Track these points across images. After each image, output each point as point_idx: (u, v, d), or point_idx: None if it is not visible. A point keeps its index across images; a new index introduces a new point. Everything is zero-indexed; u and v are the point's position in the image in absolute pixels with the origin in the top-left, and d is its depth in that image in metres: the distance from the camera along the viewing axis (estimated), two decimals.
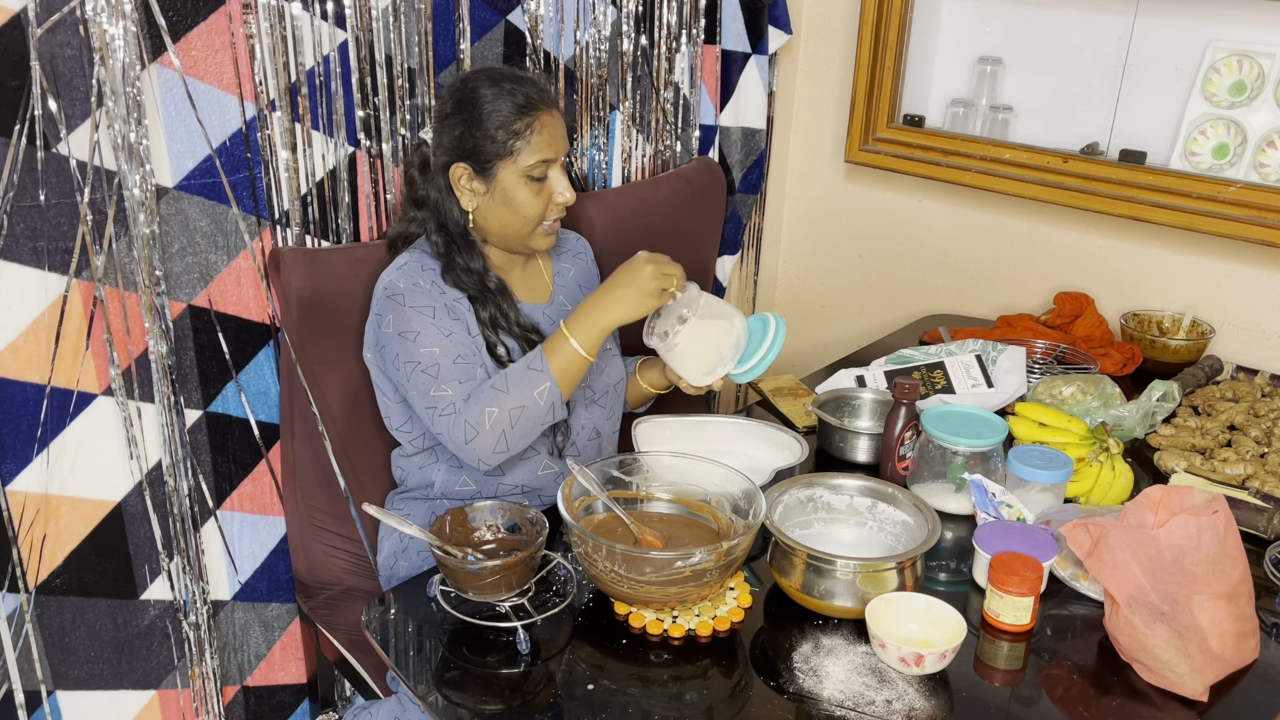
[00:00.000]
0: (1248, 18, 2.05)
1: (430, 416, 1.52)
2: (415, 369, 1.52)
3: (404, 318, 1.53)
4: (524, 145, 1.53)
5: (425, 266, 1.58)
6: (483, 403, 1.48)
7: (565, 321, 1.52)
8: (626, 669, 1.28)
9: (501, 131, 1.52)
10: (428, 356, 1.52)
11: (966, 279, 2.52)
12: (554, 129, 1.56)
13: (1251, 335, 2.17)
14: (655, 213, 2.18)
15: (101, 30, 1.40)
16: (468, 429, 1.48)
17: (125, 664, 1.68)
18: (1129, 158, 2.17)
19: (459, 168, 1.56)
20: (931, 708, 1.21)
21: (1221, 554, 1.27)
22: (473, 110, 1.53)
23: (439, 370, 1.51)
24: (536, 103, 1.54)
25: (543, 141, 1.54)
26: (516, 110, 1.53)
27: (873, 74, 2.45)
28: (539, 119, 1.54)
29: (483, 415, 1.47)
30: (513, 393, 1.48)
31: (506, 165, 1.54)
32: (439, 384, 1.51)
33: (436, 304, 1.55)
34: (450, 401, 1.50)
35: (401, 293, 1.55)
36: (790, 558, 1.35)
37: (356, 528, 1.81)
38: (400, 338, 1.53)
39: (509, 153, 1.53)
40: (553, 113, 1.56)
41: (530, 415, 1.49)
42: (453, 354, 1.53)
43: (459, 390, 1.51)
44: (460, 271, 1.58)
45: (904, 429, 1.62)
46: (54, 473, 1.52)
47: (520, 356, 1.60)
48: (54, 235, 1.44)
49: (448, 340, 1.53)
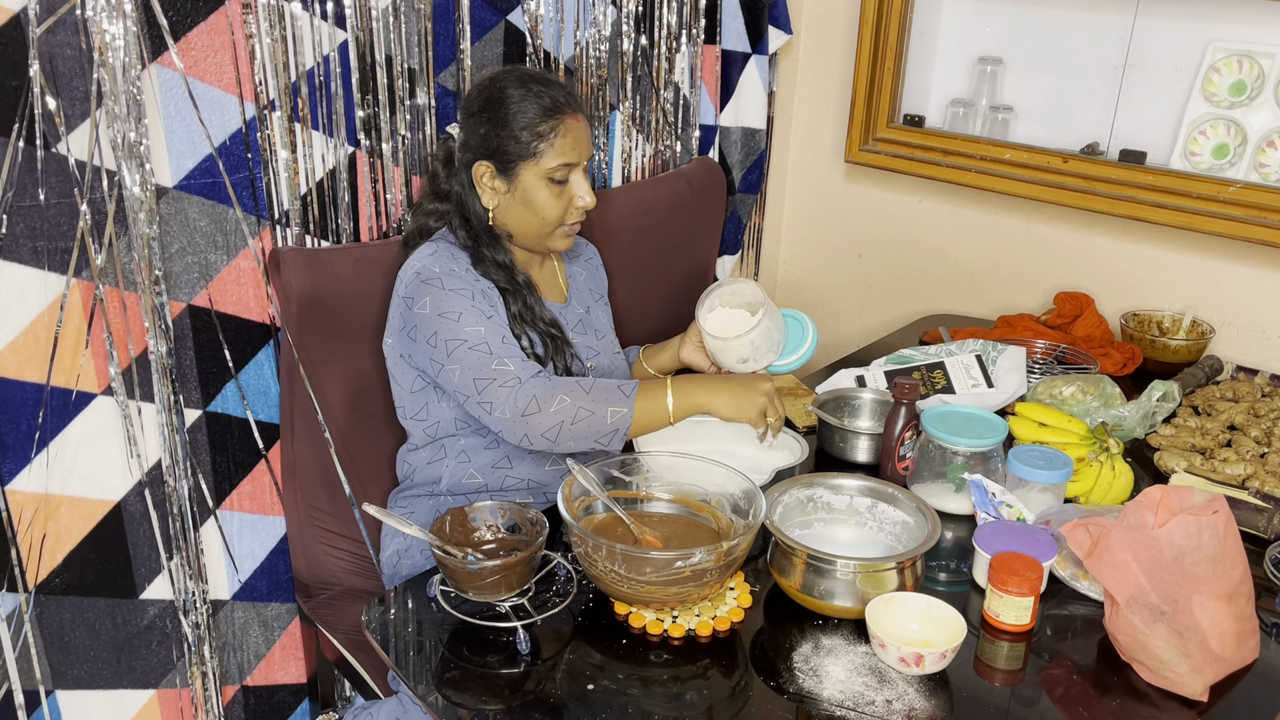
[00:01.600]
0: (1248, 18, 2.05)
1: (483, 387, 1.49)
2: (461, 346, 1.51)
3: (443, 299, 1.53)
4: (547, 147, 1.54)
5: (455, 254, 1.59)
6: (560, 388, 1.47)
7: (672, 378, 1.54)
8: (626, 669, 1.28)
9: (526, 132, 1.53)
10: (474, 335, 1.51)
11: (966, 279, 2.53)
12: (578, 133, 1.57)
13: (1251, 335, 2.17)
14: (655, 213, 2.18)
15: (101, 30, 1.40)
16: (532, 403, 1.46)
17: (125, 663, 1.68)
18: (1129, 158, 2.17)
19: (482, 165, 1.57)
20: (931, 708, 1.21)
21: (1221, 554, 1.27)
22: (499, 110, 1.54)
23: (491, 347, 1.50)
24: (563, 106, 1.55)
25: (566, 145, 1.55)
26: (542, 112, 1.54)
27: (873, 74, 2.45)
28: (564, 122, 1.55)
29: (553, 397, 1.46)
30: (592, 395, 1.47)
31: (529, 166, 1.55)
32: (497, 358, 1.50)
33: (473, 287, 1.56)
34: (514, 375, 1.49)
35: (437, 276, 1.55)
36: (790, 558, 1.35)
37: (358, 527, 1.81)
38: (441, 318, 1.52)
39: (532, 154, 1.54)
40: (578, 117, 1.58)
41: (592, 425, 1.46)
42: (499, 334, 1.53)
43: (521, 367, 1.50)
44: (489, 264, 1.60)
45: (904, 429, 1.62)
46: (53, 472, 1.52)
47: (544, 351, 1.61)
48: (53, 235, 1.44)
49: (490, 322, 1.53)
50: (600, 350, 1.75)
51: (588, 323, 1.76)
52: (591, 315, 1.78)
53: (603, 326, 1.80)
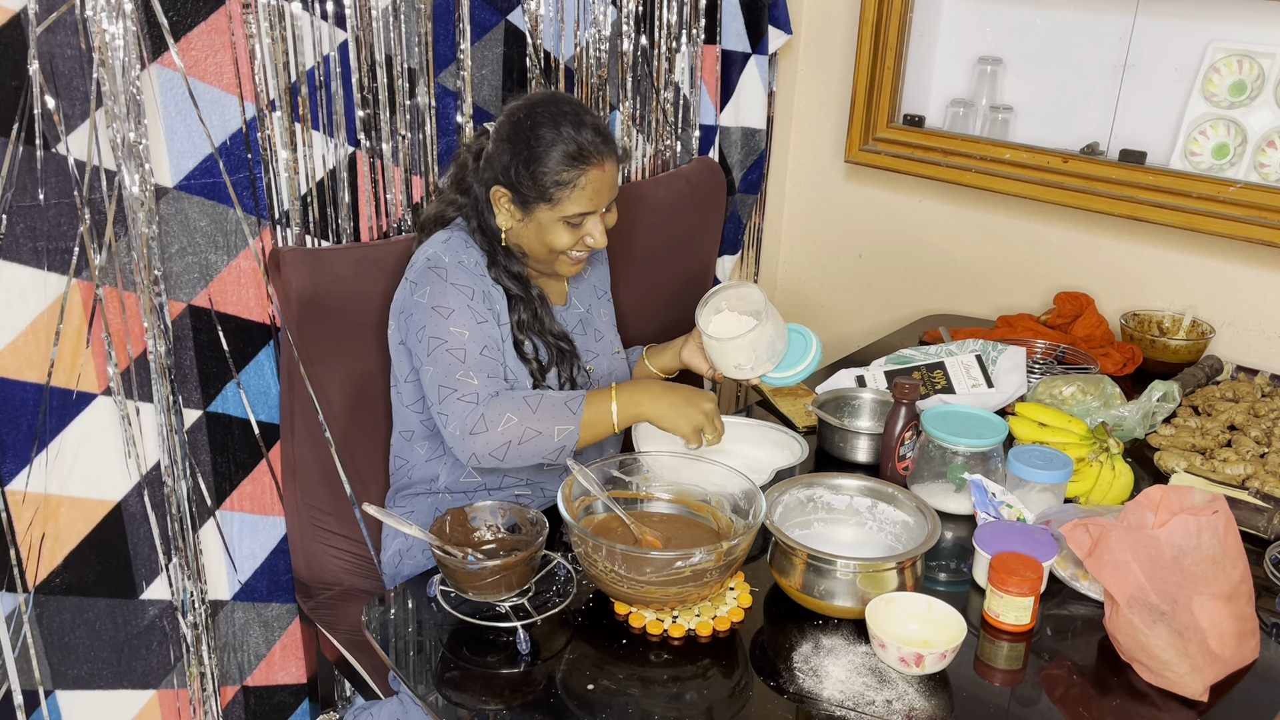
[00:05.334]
0: (1248, 18, 2.05)
1: (444, 395, 1.50)
2: (440, 345, 1.51)
3: (442, 292, 1.53)
4: (566, 195, 1.52)
5: (469, 244, 1.59)
6: (506, 407, 1.48)
7: (617, 386, 1.54)
8: (626, 669, 1.28)
9: (547, 178, 1.51)
10: (456, 338, 1.51)
11: (966, 279, 2.52)
12: (601, 183, 1.54)
13: (1251, 335, 2.17)
14: (655, 213, 2.18)
15: (101, 30, 1.40)
16: (480, 422, 1.47)
17: (124, 664, 1.68)
18: (1129, 158, 2.17)
19: (500, 190, 1.56)
20: (931, 708, 1.21)
21: (1221, 554, 1.27)
22: (526, 147, 1.52)
23: (465, 355, 1.51)
24: (590, 155, 1.52)
25: (585, 196, 1.53)
26: (567, 160, 1.51)
27: (873, 74, 2.44)
28: (588, 174, 1.52)
29: (500, 417, 1.47)
30: (539, 415, 1.48)
31: (544, 208, 1.54)
32: (465, 369, 1.50)
33: (476, 287, 1.55)
34: (474, 391, 1.49)
35: (445, 267, 1.54)
36: (790, 558, 1.35)
37: (359, 527, 1.81)
38: (433, 311, 1.52)
39: (550, 200, 1.53)
40: (605, 165, 1.54)
41: (540, 444, 1.48)
42: (481, 343, 1.53)
43: (485, 384, 1.50)
44: (503, 271, 1.59)
45: (904, 429, 1.62)
46: (53, 472, 1.52)
47: (548, 360, 1.62)
48: (53, 235, 1.44)
49: (479, 327, 1.53)
50: (599, 352, 1.75)
51: (588, 322, 1.76)
52: (592, 314, 1.78)
53: (603, 325, 1.79)
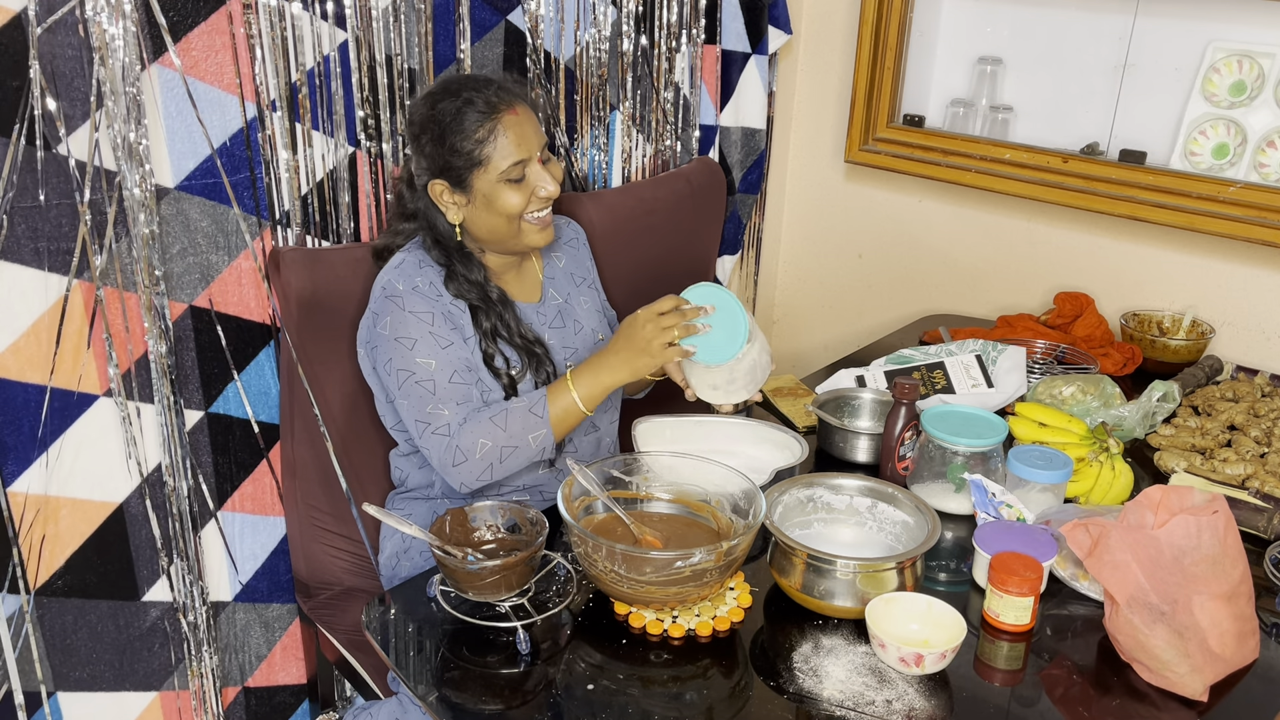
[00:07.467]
0: (1248, 18, 2.05)
1: (421, 430, 1.52)
2: (409, 378, 1.52)
3: (401, 322, 1.52)
4: (492, 151, 1.50)
5: (423, 263, 1.58)
6: (477, 433, 1.49)
7: (571, 372, 1.54)
8: (626, 669, 1.28)
9: (467, 142, 1.50)
10: (423, 369, 1.52)
11: (966, 279, 2.52)
12: (520, 127, 1.52)
13: (1251, 335, 2.17)
14: (655, 213, 2.18)
15: (101, 30, 1.40)
16: (457, 454, 1.50)
17: (126, 665, 1.68)
18: (1129, 158, 2.17)
19: (437, 184, 1.55)
20: (931, 708, 1.21)
21: (1221, 554, 1.27)
22: (436, 126, 1.51)
23: (435, 387, 1.51)
24: (496, 105, 1.50)
25: (509, 143, 1.51)
26: (478, 116, 1.49)
27: (873, 74, 2.45)
28: (501, 120, 1.50)
29: (475, 445, 1.49)
30: (509, 431, 1.50)
31: (480, 175, 1.52)
32: (436, 401, 1.51)
33: (435, 310, 1.54)
34: (446, 423, 1.51)
35: (400, 295, 1.54)
36: (790, 558, 1.35)
37: (357, 528, 1.81)
38: (396, 343, 1.52)
39: (479, 162, 1.51)
40: (516, 110, 1.52)
41: (521, 455, 1.52)
42: (449, 370, 1.52)
43: (455, 412, 1.51)
44: (462, 281, 1.58)
45: (904, 429, 1.62)
46: (54, 474, 1.52)
47: (520, 366, 1.60)
48: (54, 236, 1.44)
49: (445, 353, 1.53)
50: (577, 346, 1.71)
51: (566, 313, 1.72)
52: (571, 304, 1.73)
53: (583, 315, 1.74)
